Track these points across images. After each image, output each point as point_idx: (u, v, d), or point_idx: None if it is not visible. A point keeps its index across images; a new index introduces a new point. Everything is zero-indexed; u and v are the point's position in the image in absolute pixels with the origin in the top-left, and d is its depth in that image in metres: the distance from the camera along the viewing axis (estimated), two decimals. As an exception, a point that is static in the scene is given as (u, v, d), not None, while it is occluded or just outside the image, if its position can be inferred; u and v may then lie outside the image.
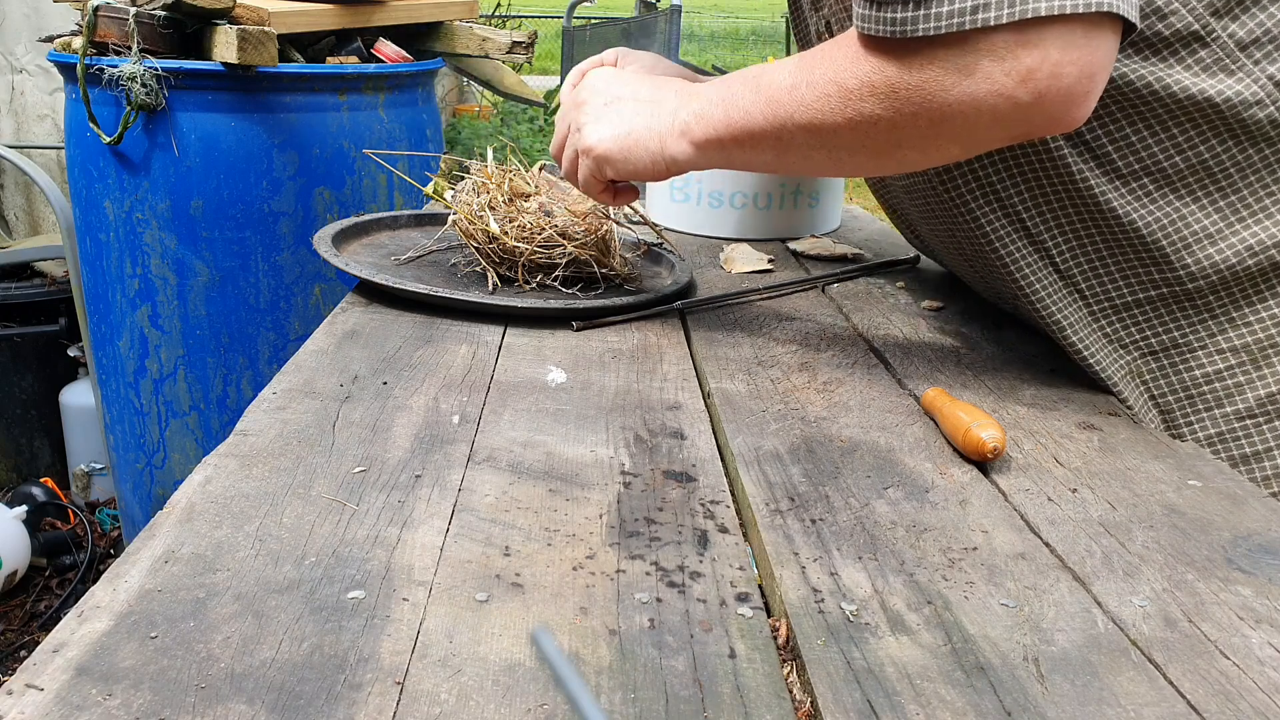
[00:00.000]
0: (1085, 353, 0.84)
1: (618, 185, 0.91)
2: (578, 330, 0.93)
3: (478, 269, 1.06)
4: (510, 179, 1.07)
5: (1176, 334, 0.82)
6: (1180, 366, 0.82)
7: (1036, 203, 0.82)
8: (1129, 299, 0.82)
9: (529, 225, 1.03)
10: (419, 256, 1.11)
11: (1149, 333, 0.83)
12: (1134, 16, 0.64)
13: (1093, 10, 0.62)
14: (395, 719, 0.42)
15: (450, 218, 1.07)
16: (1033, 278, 0.84)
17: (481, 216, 1.04)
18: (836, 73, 0.71)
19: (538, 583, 0.53)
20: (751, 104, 0.76)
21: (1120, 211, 0.79)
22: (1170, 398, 0.83)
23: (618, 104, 0.86)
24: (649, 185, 1.38)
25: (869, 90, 0.69)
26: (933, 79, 0.66)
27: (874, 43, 0.69)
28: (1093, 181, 0.79)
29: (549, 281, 1.03)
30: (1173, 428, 0.83)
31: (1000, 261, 0.86)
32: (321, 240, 1.07)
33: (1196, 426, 0.82)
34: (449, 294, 0.95)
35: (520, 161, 1.13)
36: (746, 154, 0.79)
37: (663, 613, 0.51)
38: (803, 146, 0.75)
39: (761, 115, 0.76)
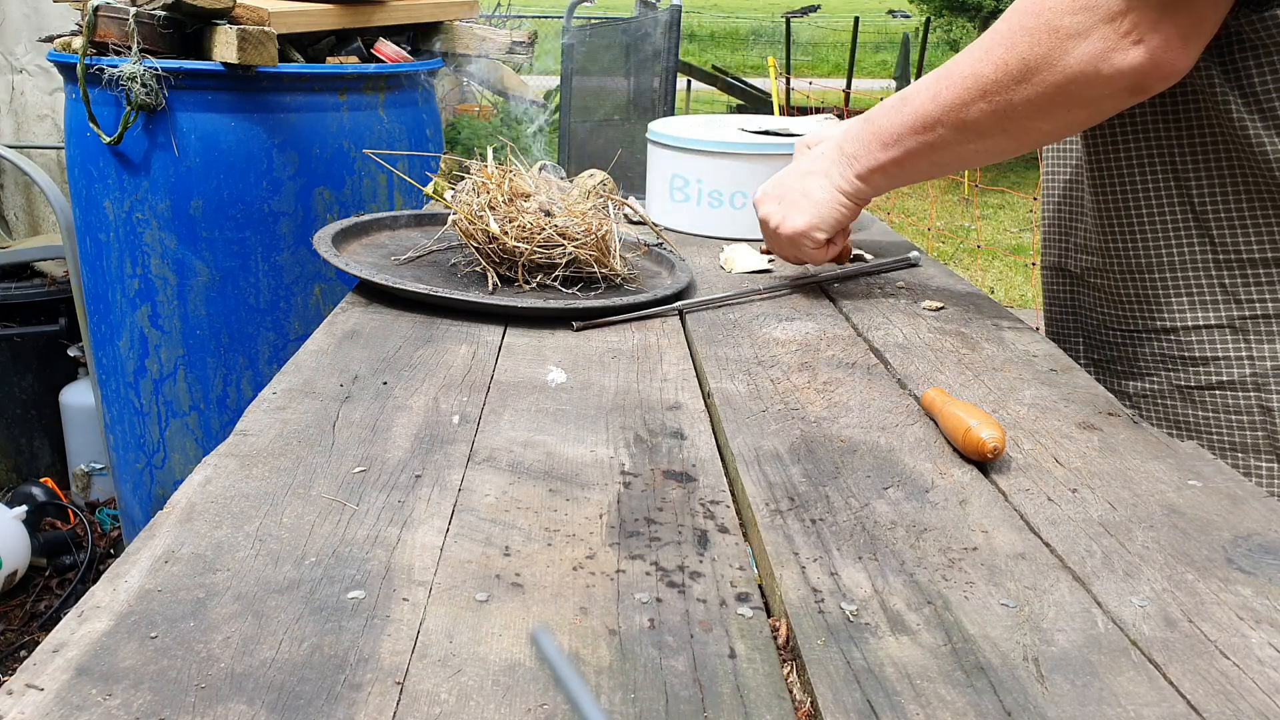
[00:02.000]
0: (1173, 300, 0.87)
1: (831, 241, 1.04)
2: (578, 330, 0.93)
3: (478, 269, 1.06)
4: (510, 179, 1.07)
5: None
6: None
7: (1187, 143, 0.85)
8: (1258, 255, 0.84)
9: (529, 225, 1.03)
10: (419, 256, 1.11)
11: (1267, 295, 0.84)
12: None
13: None
14: (395, 719, 0.42)
15: (450, 218, 1.07)
16: (1162, 214, 0.87)
17: (481, 216, 1.04)
18: (974, 65, 0.83)
19: (538, 583, 0.53)
20: (900, 129, 0.90)
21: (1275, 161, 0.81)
22: (1270, 364, 0.85)
23: (789, 193, 1.02)
24: (648, 185, 1.38)
25: (1006, 74, 0.80)
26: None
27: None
28: (1250, 130, 0.81)
29: (549, 281, 1.03)
30: (1263, 396, 0.85)
31: (1134, 195, 0.89)
32: (321, 240, 1.07)
33: None
34: (449, 294, 0.95)
35: (520, 161, 1.13)
36: (908, 169, 0.93)
37: (663, 613, 0.51)
38: (955, 143, 0.87)
39: (911, 132, 0.89)
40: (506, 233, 1.02)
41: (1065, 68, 0.77)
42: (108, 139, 1.76)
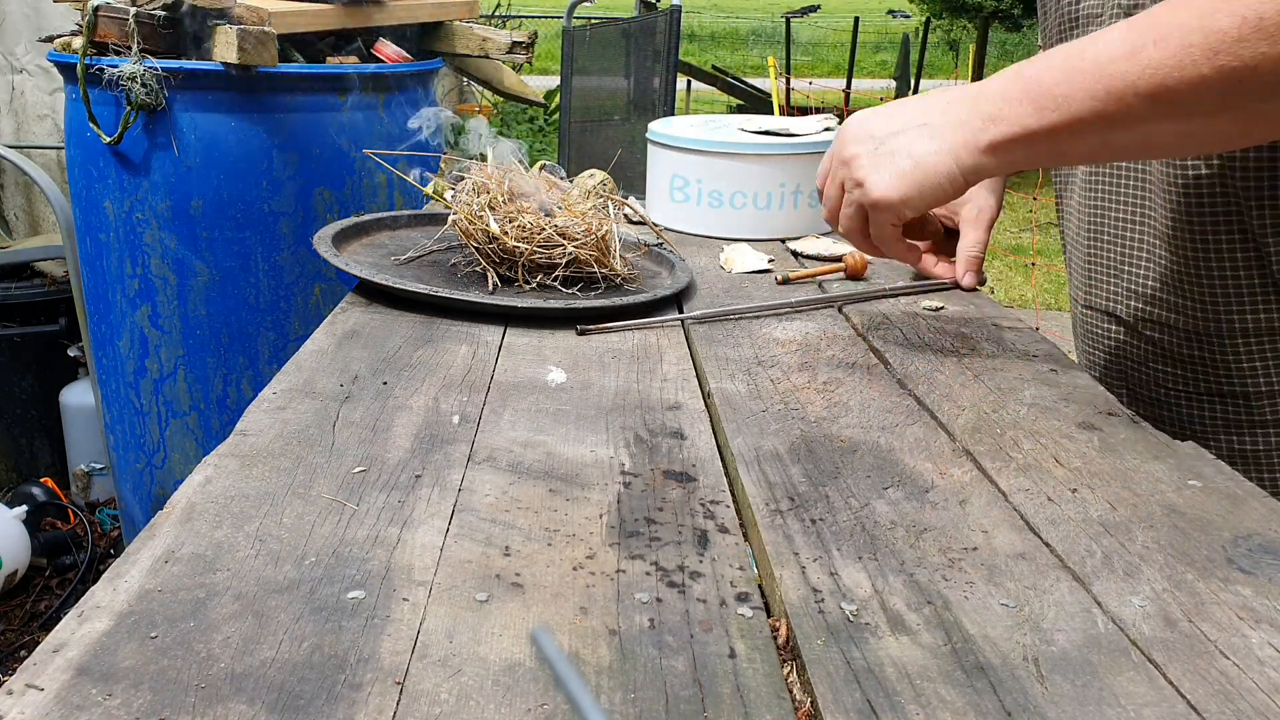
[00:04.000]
0: (1245, 364, 0.80)
1: (908, 240, 0.86)
2: (581, 333, 0.93)
3: (478, 269, 1.06)
4: (510, 179, 1.07)
5: None
6: None
7: (1265, 206, 0.78)
8: None
9: (529, 225, 1.03)
10: (419, 257, 1.11)
11: None
12: None
13: None
14: (395, 719, 0.42)
15: (450, 218, 1.07)
16: (1237, 279, 0.81)
17: (481, 216, 1.04)
18: (1201, 18, 0.61)
19: (538, 583, 0.53)
20: (1071, 86, 0.68)
21: None
22: None
23: (891, 140, 0.77)
24: (648, 185, 1.38)
25: (1254, 26, 0.59)
26: None
27: None
28: None
29: (549, 281, 1.03)
30: None
31: (1205, 255, 0.82)
32: (321, 240, 1.07)
33: None
34: (449, 294, 0.95)
35: (520, 161, 1.13)
36: (1064, 145, 0.71)
37: (663, 613, 0.51)
38: (1146, 119, 0.66)
39: (1087, 94, 0.67)
40: (506, 233, 1.02)
41: None
42: (108, 139, 1.76)
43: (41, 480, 2.52)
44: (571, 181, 1.34)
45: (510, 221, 1.03)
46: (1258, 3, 0.59)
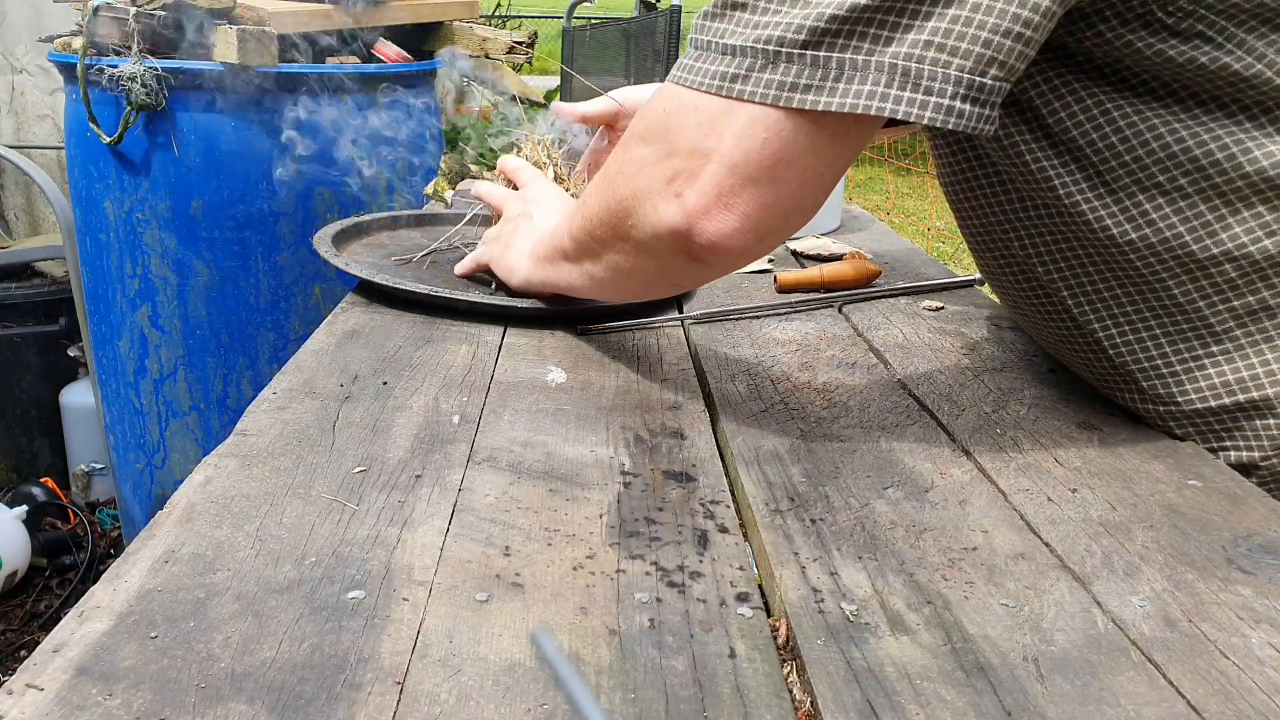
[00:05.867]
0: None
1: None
2: (581, 334, 0.93)
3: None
4: (555, 166, 1.07)
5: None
6: None
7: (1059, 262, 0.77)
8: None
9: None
10: (418, 257, 1.11)
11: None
12: None
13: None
14: (395, 719, 0.42)
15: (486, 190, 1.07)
16: (1028, 298, 0.81)
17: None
18: (570, 223, 0.82)
19: (538, 583, 0.53)
20: (565, 220, 0.82)
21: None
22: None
23: (519, 222, 0.97)
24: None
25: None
26: None
27: None
28: (1060, 186, 0.72)
29: None
30: None
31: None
32: (321, 241, 1.07)
33: None
34: (449, 294, 0.95)
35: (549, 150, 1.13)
36: (554, 270, 0.86)
37: (663, 613, 0.51)
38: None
39: (563, 226, 0.82)
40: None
41: (623, 194, 0.69)
42: (108, 139, 1.76)
43: (41, 480, 2.52)
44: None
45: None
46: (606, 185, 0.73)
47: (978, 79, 0.59)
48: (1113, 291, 0.75)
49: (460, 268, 1.04)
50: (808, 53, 0.60)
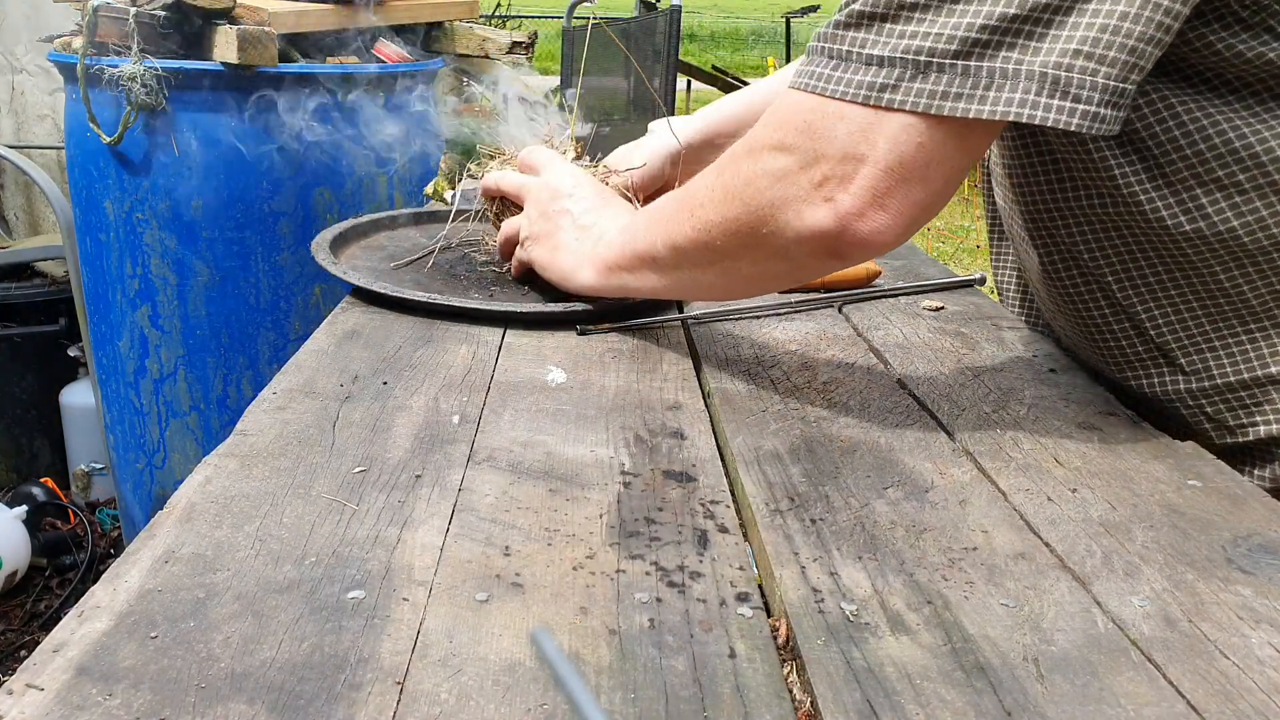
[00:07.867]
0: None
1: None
2: (581, 334, 0.93)
3: (478, 269, 1.06)
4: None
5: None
6: None
7: (1131, 274, 0.78)
8: (1234, 379, 0.76)
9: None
10: (418, 259, 1.11)
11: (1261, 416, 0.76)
12: None
13: None
14: (395, 719, 0.42)
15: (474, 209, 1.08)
16: (1106, 321, 0.82)
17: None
18: (669, 227, 0.80)
19: (538, 583, 0.53)
20: (645, 228, 0.83)
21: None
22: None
23: (559, 218, 0.95)
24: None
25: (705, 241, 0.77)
26: None
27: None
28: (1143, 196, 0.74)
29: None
30: None
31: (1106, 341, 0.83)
32: (319, 248, 1.05)
33: None
34: (449, 301, 0.94)
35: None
36: (637, 279, 0.86)
37: (663, 613, 0.51)
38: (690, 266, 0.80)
39: (646, 235, 0.83)
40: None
41: (757, 204, 0.70)
42: (108, 139, 1.76)
43: (41, 480, 2.52)
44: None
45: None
46: (677, 236, 0.78)
47: (1122, 85, 0.61)
48: (1159, 276, 0.77)
49: (514, 273, 1.03)
50: (959, 63, 0.62)
